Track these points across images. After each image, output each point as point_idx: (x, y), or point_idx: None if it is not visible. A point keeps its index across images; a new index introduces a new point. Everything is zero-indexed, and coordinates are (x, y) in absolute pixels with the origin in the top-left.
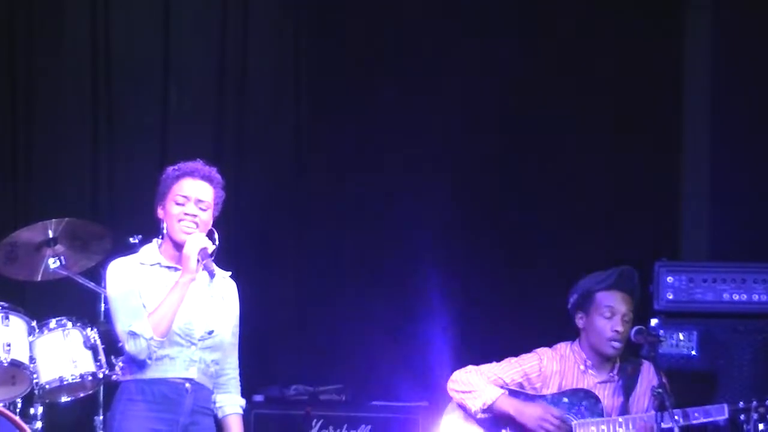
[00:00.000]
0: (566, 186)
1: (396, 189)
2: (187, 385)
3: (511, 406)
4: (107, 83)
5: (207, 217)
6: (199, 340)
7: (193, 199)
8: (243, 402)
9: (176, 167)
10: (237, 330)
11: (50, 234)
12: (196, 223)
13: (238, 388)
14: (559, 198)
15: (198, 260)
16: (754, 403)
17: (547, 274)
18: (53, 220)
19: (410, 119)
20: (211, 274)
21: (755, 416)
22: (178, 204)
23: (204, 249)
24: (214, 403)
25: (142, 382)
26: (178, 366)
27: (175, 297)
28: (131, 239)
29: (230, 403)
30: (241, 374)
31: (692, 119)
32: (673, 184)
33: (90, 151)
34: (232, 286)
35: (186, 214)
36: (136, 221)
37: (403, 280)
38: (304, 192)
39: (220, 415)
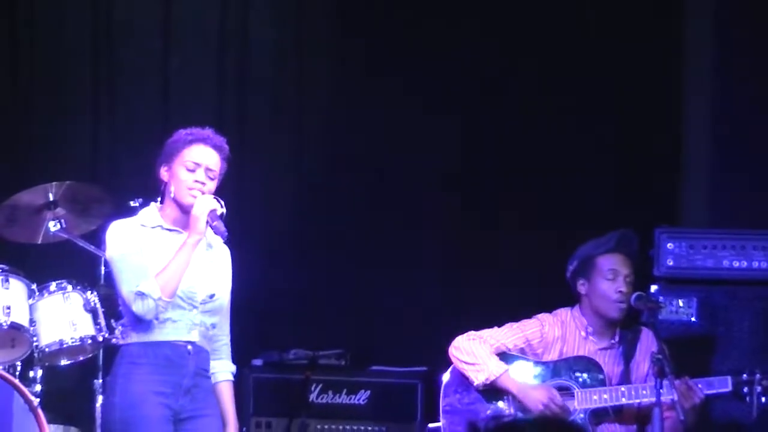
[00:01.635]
0: (567, 153)
1: (395, 154)
2: (189, 347)
3: (515, 386)
4: (108, 49)
5: (212, 186)
6: (201, 303)
7: (203, 166)
8: (233, 368)
9: (189, 132)
10: (230, 296)
11: (51, 197)
12: (203, 192)
13: (230, 355)
14: (560, 165)
15: (207, 222)
16: (758, 375)
17: (547, 240)
18: (54, 183)
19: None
20: (223, 236)
21: (759, 389)
22: (188, 170)
23: (213, 211)
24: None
25: (145, 345)
26: (180, 329)
27: (183, 257)
28: (132, 203)
29: (222, 369)
30: (241, 338)
31: (693, 88)
32: (674, 151)
33: (91, 114)
34: (227, 252)
35: (196, 181)
36: (136, 185)
37: (402, 246)
38: (304, 158)
39: (212, 381)
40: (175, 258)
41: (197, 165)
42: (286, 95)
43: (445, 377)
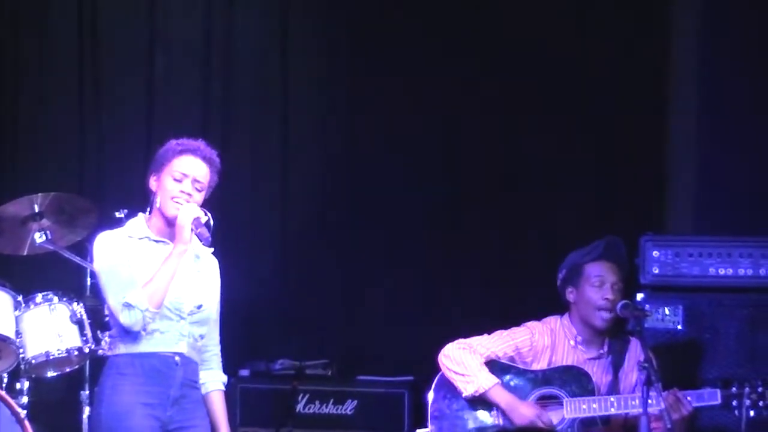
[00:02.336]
0: (551, 162)
1: (385, 165)
2: (177, 358)
3: (503, 401)
4: (93, 56)
5: (200, 198)
6: (189, 314)
7: (191, 177)
8: (225, 378)
9: (179, 142)
10: (219, 307)
11: (36, 208)
12: (188, 202)
13: (220, 365)
14: (544, 173)
15: (192, 229)
16: (747, 389)
17: (534, 251)
18: (39, 194)
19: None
20: (206, 241)
21: (748, 402)
22: (175, 180)
23: (197, 218)
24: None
25: (133, 356)
26: (168, 340)
27: (170, 268)
28: (117, 213)
29: (213, 379)
30: (227, 348)
31: (679, 94)
32: (659, 159)
33: (76, 125)
34: (215, 262)
35: (181, 191)
36: (122, 195)
37: (388, 256)
38: (290, 163)
39: (203, 391)
40: (161, 268)
41: (184, 175)
42: (271, 100)
43: (434, 382)
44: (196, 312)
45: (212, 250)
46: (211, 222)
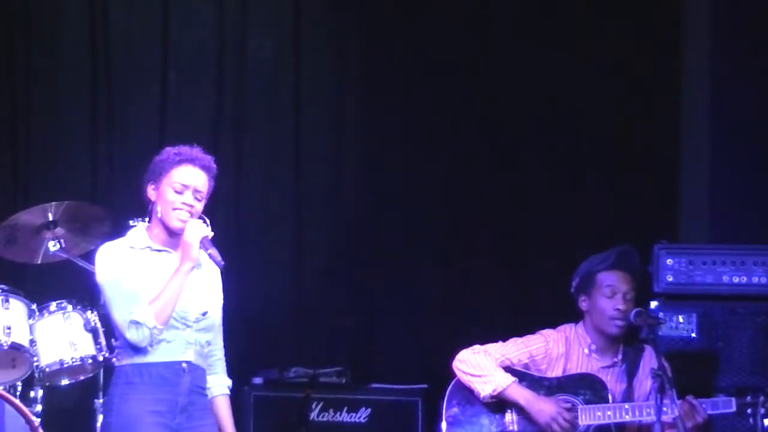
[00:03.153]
0: (565, 168)
1: (399, 175)
2: (184, 365)
3: (522, 397)
4: (106, 65)
5: (199, 208)
6: (194, 322)
7: (191, 188)
8: (230, 382)
9: (177, 151)
10: (222, 311)
11: (50, 217)
12: (191, 213)
13: (225, 369)
14: (558, 181)
15: (203, 248)
16: (762, 398)
17: (547, 258)
18: (53, 203)
19: (412, 98)
20: (219, 264)
21: (762, 411)
22: (176, 192)
23: (206, 237)
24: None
25: (140, 366)
26: (175, 349)
27: (176, 284)
28: (131, 222)
29: (218, 384)
30: (241, 357)
31: (691, 101)
32: (673, 167)
33: (89, 134)
34: (216, 272)
35: (183, 203)
36: (135, 204)
37: (402, 263)
38: (303, 172)
39: (208, 396)
40: (168, 285)
41: (185, 187)
42: (284, 109)
43: (448, 389)
44: (202, 319)
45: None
46: (208, 223)
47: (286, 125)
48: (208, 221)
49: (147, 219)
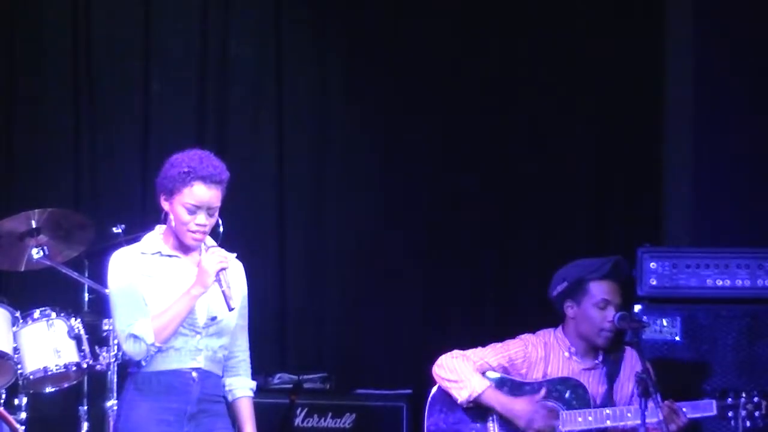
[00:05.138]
0: (549, 172)
1: (382, 181)
2: (194, 374)
3: (498, 402)
4: (88, 72)
5: (213, 222)
6: (203, 327)
7: (204, 207)
8: (253, 384)
9: (188, 168)
10: (246, 311)
11: (33, 224)
12: (205, 233)
13: (248, 371)
14: (542, 184)
15: (217, 282)
16: (743, 399)
17: (530, 264)
18: (36, 210)
19: (394, 101)
20: (229, 307)
21: (743, 413)
22: (190, 212)
23: (223, 270)
24: (224, 386)
25: (149, 374)
26: (184, 356)
27: (182, 306)
28: (114, 229)
29: (240, 386)
30: None
31: (674, 105)
32: (656, 170)
33: (72, 141)
34: (239, 267)
35: (197, 225)
36: (119, 210)
37: (386, 268)
38: (286, 180)
39: (230, 398)
40: (174, 305)
41: (198, 208)
42: (267, 117)
43: (430, 396)
44: (212, 324)
45: (236, 254)
46: (221, 228)
47: (269, 134)
48: (221, 224)
49: (161, 225)
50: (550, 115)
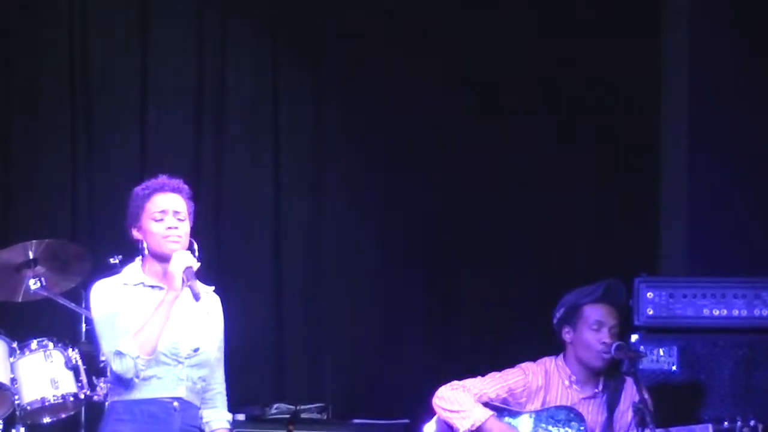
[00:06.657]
0: (546, 202)
1: (379, 208)
2: (176, 404)
3: (499, 431)
4: (85, 103)
5: (186, 228)
6: (186, 358)
7: (170, 212)
8: (230, 416)
9: (143, 186)
10: (222, 345)
11: (30, 255)
12: (179, 236)
13: (225, 403)
14: (539, 214)
15: (183, 280)
16: (738, 423)
17: (528, 293)
18: (33, 241)
19: (388, 136)
20: (196, 297)
21: None
22: (157, 221)
23: (189, 268)
24: (201, 418)
25: (130, 403)
26: (166, 385)
27: (161, 315)
28: (111, 260)
29: (217, 417)
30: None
31: (670, 134)
32: (652, 200)
33: (69, 172)
34: (216, 300)
35: (168, 228)
36: (116, 242)
37: (384, 298)
38: (283, 208)
39: (207, 430)
40: (152, 316)
41: (163, 213)
42: (264, 145)
43: (428, 428)
44: (194, 355)
45: (213, 288)
46: (196, 248)
47: (265, 161)
48: (196, 246)
49: (140, 257)
50: (548, 146)
